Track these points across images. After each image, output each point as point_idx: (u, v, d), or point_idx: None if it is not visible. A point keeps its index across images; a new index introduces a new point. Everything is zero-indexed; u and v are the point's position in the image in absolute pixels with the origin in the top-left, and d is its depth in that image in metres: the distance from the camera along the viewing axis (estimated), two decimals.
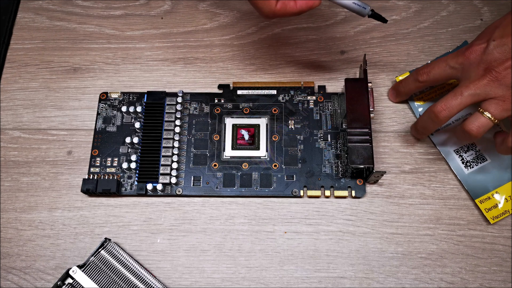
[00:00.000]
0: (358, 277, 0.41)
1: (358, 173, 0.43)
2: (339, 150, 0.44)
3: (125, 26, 0.51)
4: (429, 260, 0.41)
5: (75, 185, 0.45)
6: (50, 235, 0.43)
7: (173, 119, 0.45)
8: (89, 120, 0.47)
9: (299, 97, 0.47)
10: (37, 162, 0.45)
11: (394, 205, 0.43)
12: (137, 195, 0.44)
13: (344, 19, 0.51)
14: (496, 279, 0.40)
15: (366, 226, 0.42)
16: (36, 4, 0.52)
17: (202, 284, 0.41)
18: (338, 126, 0.45)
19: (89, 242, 0.42)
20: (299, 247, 0.42)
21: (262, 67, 0.49)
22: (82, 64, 0.49)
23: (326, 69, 0.48)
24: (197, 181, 0.44)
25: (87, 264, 0.40)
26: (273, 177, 0.44)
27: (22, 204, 0.44)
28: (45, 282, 0.41)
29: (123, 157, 0.45)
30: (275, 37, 0.50)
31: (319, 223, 0.43)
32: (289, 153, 0.44)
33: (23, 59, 0.50)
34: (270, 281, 0.41)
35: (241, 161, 0.44)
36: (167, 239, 0.42)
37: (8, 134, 0.47)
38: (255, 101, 0.47)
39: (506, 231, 0.42)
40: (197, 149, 0.45)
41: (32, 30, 0.51)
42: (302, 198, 0.43)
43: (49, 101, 0.48)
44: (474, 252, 0.41)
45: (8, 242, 0.43)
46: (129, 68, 0.49)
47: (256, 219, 0.43)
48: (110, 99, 0.47)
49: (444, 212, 0.43)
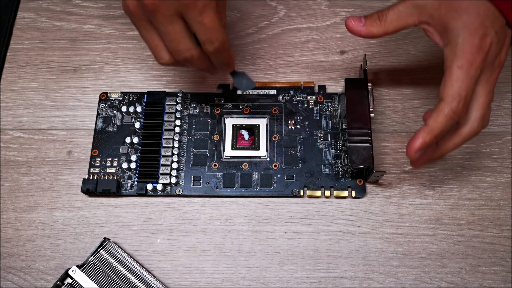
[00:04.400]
0: (358, 277, 0.41)
1: (358, 173, 0.43)
2: (339, 150, 0.44)
3: (125, 26, 0.51)
4: (429, 260, 0.41)
5: (75, 185, 0.45)
6: (50, 235, 0.43)
7: (173, 119, 0.45)
8: (89, 120, 0.47)
9: (299, 97, 0.47)
10: (37, 162, 0.45)
11: (394, 205, 0.43)
12: (137, 195, 0.44)
13: (344, 19, 0.51)
14: (496, 279, 0.40)
15: (366, 226, 0.42)
16: (36, 4, 0.52)
17: (202, 284, 0.41)
18: (338, 126, 0.45)
19: (89, 242, 0.42)
20: (299, 247, 0.42)
21: (262, 67, 0.49)
22: (82, 64, 0.49)
23: (326, 69, 0.48)
24: (197, 181, 0.44)
25: (87, 264, 0.40)
26: (273, 177, 0.44)
27: (22, 204, 0.44)
28: (45, 282, 0.41)
29: (123, 157, 0.45)
30: (275, 37, 0.50)
31: (319, 223, 0.43)
32: (289, 153, 0.44)
33: (23, 59, 0.50)
34: (270, 281, 0.41)
35: (241, 161, 0.44)
36: (167, 239, 0.42)
37: (8, 134, 0.47)
38: (255, 101, 0.47)
39: (506, 231, 0.42)
40: (197, 149, 0.45)
41: (32, 30, 0.51)
42: (302, 198, 0.43)
43: (49, 101, 0.48)
44: (474, 252, 0.41)
45: (8, 242, 0.43)
46: (129, 68, 0.49)
47: (256, 219, 0.43)
48: (110, 99, 0.47)
49: (444, 212, 0.43)
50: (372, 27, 0.36)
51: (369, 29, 0.36)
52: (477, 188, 0.43)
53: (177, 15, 0.33)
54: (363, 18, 0.36)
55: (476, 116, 0.34)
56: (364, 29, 0.36)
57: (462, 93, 0.32)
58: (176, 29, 0.34)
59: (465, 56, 0.32)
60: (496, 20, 0.32)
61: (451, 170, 0.44)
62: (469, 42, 0.32)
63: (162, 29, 0.34)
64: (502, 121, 0.46)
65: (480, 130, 0.35)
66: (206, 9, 0.33)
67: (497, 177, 0.44)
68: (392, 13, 0.35)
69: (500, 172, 0.44)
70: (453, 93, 0.32)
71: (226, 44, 0.35)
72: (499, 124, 0.45)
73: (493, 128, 0.45)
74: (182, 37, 0.34)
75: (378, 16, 0.36)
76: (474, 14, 0.32)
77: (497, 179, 0.44)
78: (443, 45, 0.34)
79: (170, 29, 0.34)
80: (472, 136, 0.35)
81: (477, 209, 0.43)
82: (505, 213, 0.42)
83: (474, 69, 0.32)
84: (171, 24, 0.33)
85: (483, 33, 0.32)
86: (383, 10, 0.36)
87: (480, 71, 0.33)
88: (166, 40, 0.35)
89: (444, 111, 0.33)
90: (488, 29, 0.32)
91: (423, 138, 0.33)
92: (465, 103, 0.33)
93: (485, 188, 0.43)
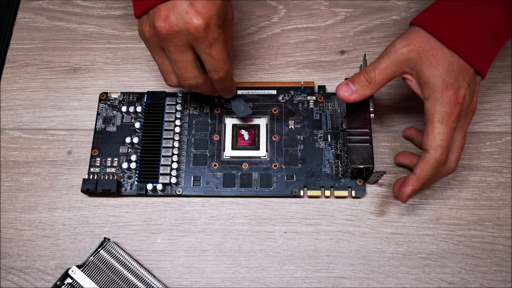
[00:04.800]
0: (358, 277, 0.41)
1: (358, 173, 0.43)
2: (339, 150, 0.44)
3: (125, 26, 0.51)
4: (429, 260, 0.41)
5: (75, 185, 0.45)
6: (50, 235, 0.43)
7: (173, 119, 0.45)
8: (89, 120, 0.47)
9: (299, 97, 0.47)
10: (37, 162, 0.45)
11: (394, 205, 0.43)
12: (137, 195, 0.44)
13: (344, 19, 0.51)
14: (496, 279, 0.40)
15: (366, 226, 0.42)
16: (36, 4, 0.52)
17: (202, 284, 0.41)
18: (338, 126, 0.45)
19: (89, 242, 0.42)
20: (299, 247, 0.42)
21: (262, 67, 0.49)
22: (82, 64, 0.49)
23: (326, 69, 0.48)
24: (197, 181, 0.44)
25: (87, 264, 0.40)
26: (273, 177, 0.44)
27: (22, 204, 0.44)
28: (45, 282, 0.41)
29: (123, 157, 0.45)
30: (275, 37, 0.50)
31: (319, 223, 0.43)
32: (289, 153, 0.44)
33: (23, 59, 0.50)
34: (270, 281, 0.41)
35: (241, 161, 0.44)
36: (167, 239, 0.42)
37: (8, 134, 0.47)
38: (255, 101, 0.47)
39: (506, 231, 0.42)
40: (197, 149, 0.45)
41: (32, 30, 0.51)
42: (302, 198, 0.43)
43: (49, 101, 0.48)
44: (474, 252, 0.41)
45: (8, 242, 0.43)
46: (129, 68, 0.49)
47: (256, 219, 0.43)
48: (110, 99, 0.47)
49: (444, 212, 0.43)
50: (365, 91, 0.38)
51: (362, 94, 0.38)
52: (477, 188, 0.43)
53: (188, 46, 0.36)
54: (351, 84, 0.39)
55: (452, 158, 0.39)
56: (358, 96, 0.38)
57: (444, 144, 0.36)
58: (185, 59, 0.37)
59: (444, 111, 0.36)
60: (467, 72, 0.37)
61: None
62: (447, 97, 0.36)
63: (172, 56, 0.37)
64: (502, 121, 0.46)
65: (455, 168, 0.39)
66: (215, 43, 0.36)
67: (497, 177, 0.44)
68: (379, 74, 0.38)
69: (500, 172, 0.44)
70: (436, 145, 0.36)
71: (230, 73, 0.39)
72: (499, 124, 0.45)
73: (493, 128, 0.45)
74: (190, 66, 0.37)
75: (367, 79, 0.38)
76: (450, 70, 0.36)
77: (497, 179, 0.44)
78: (424, 98, 0.38)
79: (180, 58, 0.37)
80: (449, 174, 0.40)
81: (477, 209, 0.43)
82: (505, 213, 0.42)
83: (452, 121, 0.36)
84: (181, 53, 0.36)
85: (458, 86, 0.36)
86: (369, 71, 0.38)
87: (457, 122, 0.37)
88: (175, 67, 0.38)
89: (429, 162, 0.37)
90: (462, 82, 0.36)
91: (412, 186, 0.37)
92: (447, 153, 0.37)
93: (485, 188, 0.43)
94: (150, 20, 0.36)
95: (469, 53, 0.36)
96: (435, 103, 0.36)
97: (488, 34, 0.37)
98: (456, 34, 0.36)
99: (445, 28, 0.36)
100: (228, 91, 0.42)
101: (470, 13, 0.37)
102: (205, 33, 0.35)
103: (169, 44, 0.36)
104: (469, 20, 0.37)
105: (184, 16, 0.35)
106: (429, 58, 0.37)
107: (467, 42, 0.36)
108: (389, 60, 0.38)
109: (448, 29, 0.36)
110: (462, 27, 0.37)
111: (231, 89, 0.42)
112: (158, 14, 0.35)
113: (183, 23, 0.35)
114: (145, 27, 0.37)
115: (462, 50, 0.36)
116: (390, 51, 0.38)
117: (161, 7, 0.35)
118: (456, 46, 0.36)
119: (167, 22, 0.35)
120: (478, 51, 0.37)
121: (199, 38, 0.35)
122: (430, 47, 0.37)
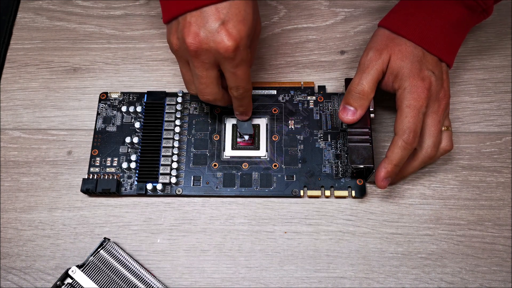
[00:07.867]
0: (358, 277, 0.41)
1: (358, 173, 0.43)
2: (339, 150, 0.44)
3: (125, 26, 0.51)
4: (429, 260, 0.41)
5: (75, 185, 0.45)
6: (50, 235, 0.43)
7: (173, 119, 0.45)
8: (89, 120, 0.47)
9: (299, 97, 0.47)
10: (37, 162, 0.45)
11: (394, 205, 0.43)
12: (137, 195, 0.44)
13: (344, 19, 0.51)
14: (496, 279, 0.40)
15: (366, 226, 0.42)
16: (36, 4, 0.52)
17: (202, 284, 0.41)
18: (338, 126, 0.45)
19: (89, 242, 0.42)
20: (299, 247, 0.42)
21: (262, 67, 0.49)
22: (82, 64, 0.49)
23: (326, 69, 0.48)
24: (197, 181, 0.44)
25: (87, 264, 0.40)
26: (273, 177, 0.44)
27: (22, 204, 0.44)
28: (45, 282, 0.41)
29: (123, 157, 0.45)
30: (275, 37, 0.50)
31: (319, 223, 0.43)
32: (289, 153, 0.44)
33: (23, 59, 0.50)
34: (270, 281, 0.41)
35: (241, 161, 0.44)
36: (167, 239, 0.42)
37: (8, 134, 0.47)
38: (255, 101, 0.46)
39: (506, 231, 0.42)
40: (197, 149, 0.45)
41: (32, 30, 0.51)
42: (302, 198, 0.43)
43: (49, 101, 0.48)
44: (474, 252, 0.41)
45: (8, 242, 0.43)
46: (129, 68, 0.49)
47: (256, 219, 0.43)
48: (110, 99, 0.47)
49: (444, 212, 0.43)
50: (364, 104, 0.40)
51: (363, 107, 0.40)
52: (477, 188, 0.43)
53: (214, 64, 0.36)
54: (348, 106, 0.41)
55: (429, 143, 0.40)
56: (361, 111, 0.40)
57: (411, 127, 0.38)
58: (209, 75, 0.37)
59: (412, 97, 0.38)
60: (431, 61, 0.40)
61: (451, 170, 0.44)
62: (414, 85, 0.39)
63: (196, 72, 0.37)
64: (502, 121, 0.46)
65: (434, 154, 0.40)
66: (242, 63, 0.36)
67: (497, 177, 0.44)
68: (367, 83, 0.40)
69: (500, 172, 0.44)
70: (403, 128, 0.38)
71: (250, 92, 0.40)
72: (499, 124, 0.46)
73: (493, 128, 0.45)
74: (212, 83, 0.38)
75: (359, 94, 0.40)
76: (414, 60, 0.39)
77: (497, 179, 0.44)
78: (395, 90, 0.40)
79: (204, 74, 0.37)
80: (428, 159, 0.41)
81: (477, 209, 0.43)
82: (505, 213, 0.42)
83: (420, 105, 0.38)
84: (206, 70, 0.37)
85: (423, 75, 0.39)
86: (356, 86, 0.40)
87: (426, 106, 0.39)
88: (196, 81, 0.38)
89: (398, 143, 0.38)
90: (426, 71, 0.39)
91: (385, 168, 0.39)
92: (415, 134, 0.38)
93: (485, 188, 0.43)
94: (179, 33, 0.35)
95: (432, 45, 0.40)
96: (403, 92, 0.39)
97: (449, 27, 0.40)
98: (420, 31, 0.40)
99: (411, 28, 0.40)
100: (244, 113, 0.42)
101: (432, 10, 0.40)
102: (233, 54, 0.34)
103: (195, 60, 0.36)
104: (431, 17, 0.40)
105: (215, 36, 0.34)
106: (396, 53, 0.40)
107: (431, 36, 0.40)
108: (368, 69, 0.40)
109: (412, 29, 0.40)
110: (425, 25, 0.40)
111: (247, 109, 0.42)
112: (189, 29, 0.34)
113: (213, 42, 0.34)
114: (174, 39, 0.36)
115: (426, 43, 0.40)
116: (364, 61, 0.40)
117: (192, 20, 0.34)
118: (422, 42, 0.40)
119: (197, 39, 0.34)
120: (441, 43, 0.40)
121: (227, 58, 0.35)
122: (397, 44, 0.40)
